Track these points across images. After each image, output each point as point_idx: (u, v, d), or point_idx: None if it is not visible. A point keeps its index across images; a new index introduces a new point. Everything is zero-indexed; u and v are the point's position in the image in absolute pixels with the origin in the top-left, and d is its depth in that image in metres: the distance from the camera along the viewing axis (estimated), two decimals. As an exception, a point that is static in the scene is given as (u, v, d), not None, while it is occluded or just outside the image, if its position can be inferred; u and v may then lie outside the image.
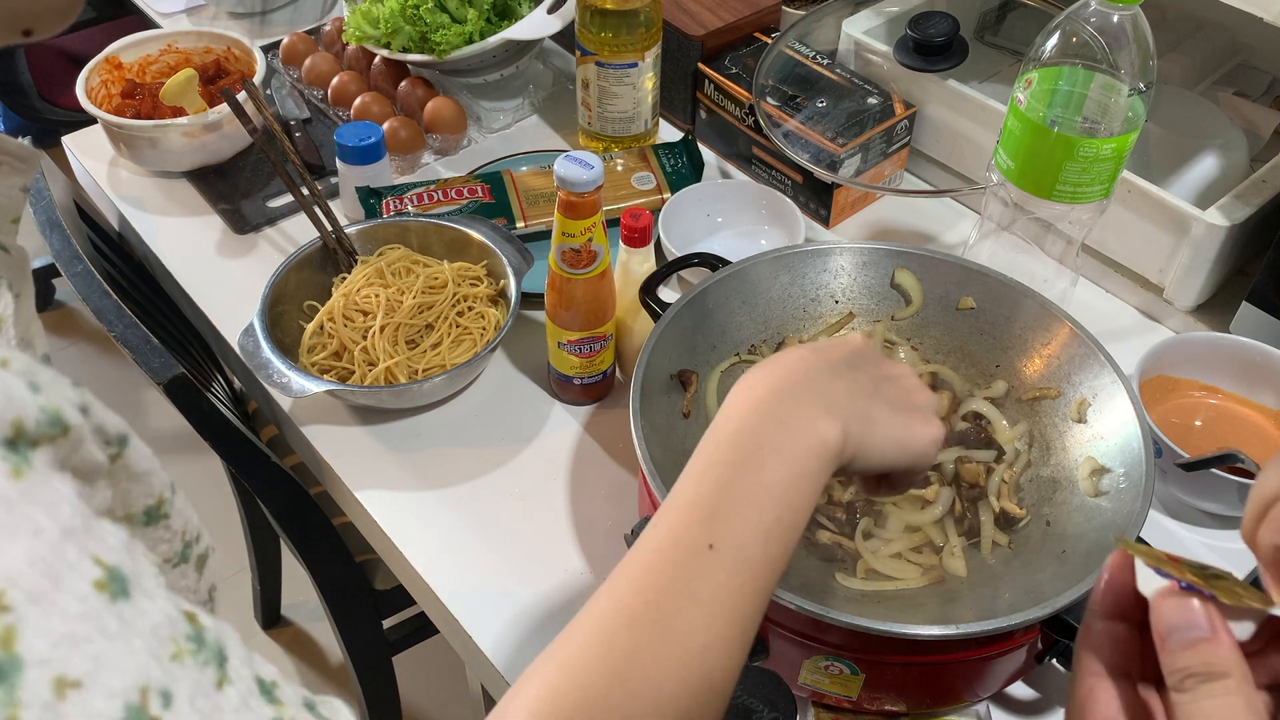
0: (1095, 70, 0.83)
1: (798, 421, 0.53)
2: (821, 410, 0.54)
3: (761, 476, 0.52)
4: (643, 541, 0.51)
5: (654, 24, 1.10)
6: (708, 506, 0.51)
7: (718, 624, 0.49)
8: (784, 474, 0.52)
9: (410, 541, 0.86)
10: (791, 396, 0.54)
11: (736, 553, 0.50)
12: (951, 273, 0.87)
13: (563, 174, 0.80)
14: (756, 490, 0.51)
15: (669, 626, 0.48)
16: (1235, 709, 0.39)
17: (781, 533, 0.51)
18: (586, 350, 0.91)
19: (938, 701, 0.74)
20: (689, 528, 0.50)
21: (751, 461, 0.52)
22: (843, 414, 0.54)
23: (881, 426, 0.56)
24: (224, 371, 1.26)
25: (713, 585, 0.49)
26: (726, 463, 0.52)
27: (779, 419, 0.53)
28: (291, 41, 1.31)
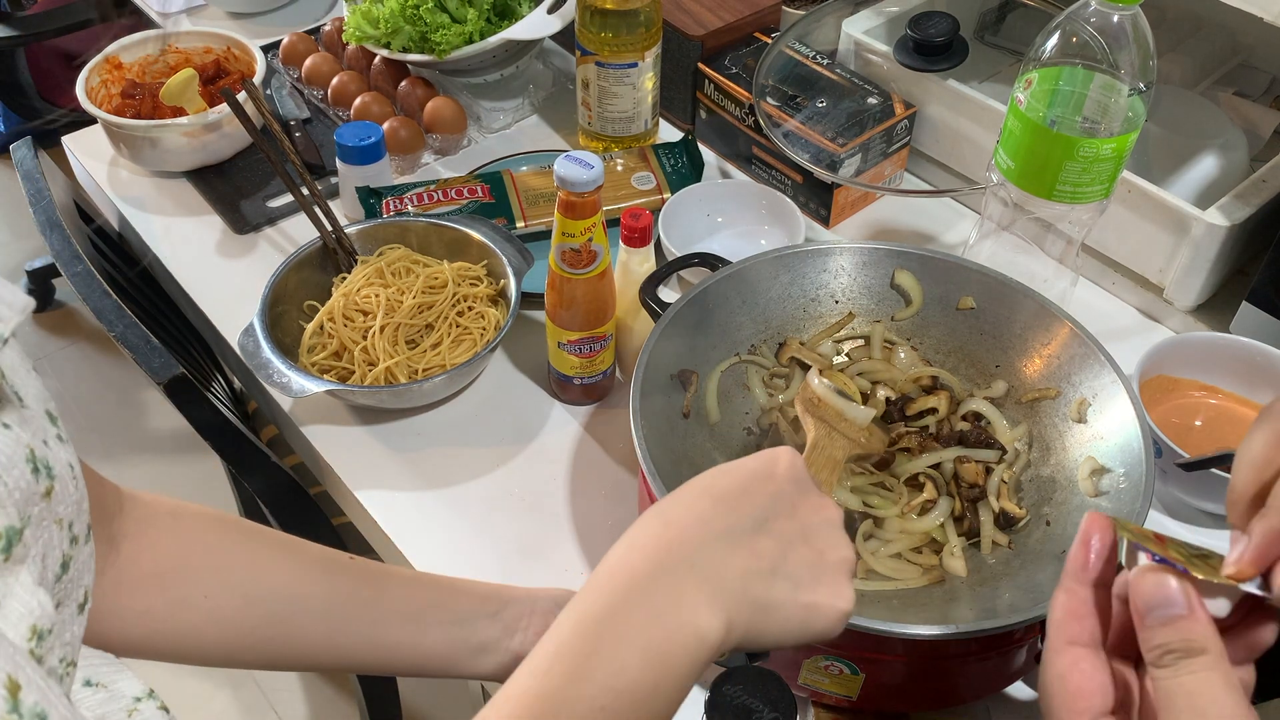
0: (1095, 70, 0.83)
1: (674, 611, 0.46)
2: (705, 599, 0.47)
3: (618, 679, 0.44)
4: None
5: (654, 24, 1.10)
6: (545, 710, 0.44)
7: None
8: (646, 676, 0.45)
9: (410, 541, 0.86)
10: (672, 577, 0.47)
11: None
12: (951, 273, 0.87)
13: (563, 174, 0.80)
14: (609, 694, 0.44)
15: None
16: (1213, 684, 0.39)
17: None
18: (586, 350, 0.91)
19: (938, 701, 0.74)
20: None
21: (610, 656, 0.45)
22: (730, 604, 0.47)
23: (779, 612, 0.49)
24: (224, 371, 1.26)
25: None
26: (580, 653, 0.45)
27: (651, 605, 0.46)
28: (291, 41, 1.31)
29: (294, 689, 1.73)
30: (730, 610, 0.47)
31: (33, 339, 2.33)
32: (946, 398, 0.85)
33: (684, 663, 0.46)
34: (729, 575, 0.48)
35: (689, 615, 0.46)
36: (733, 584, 0.48)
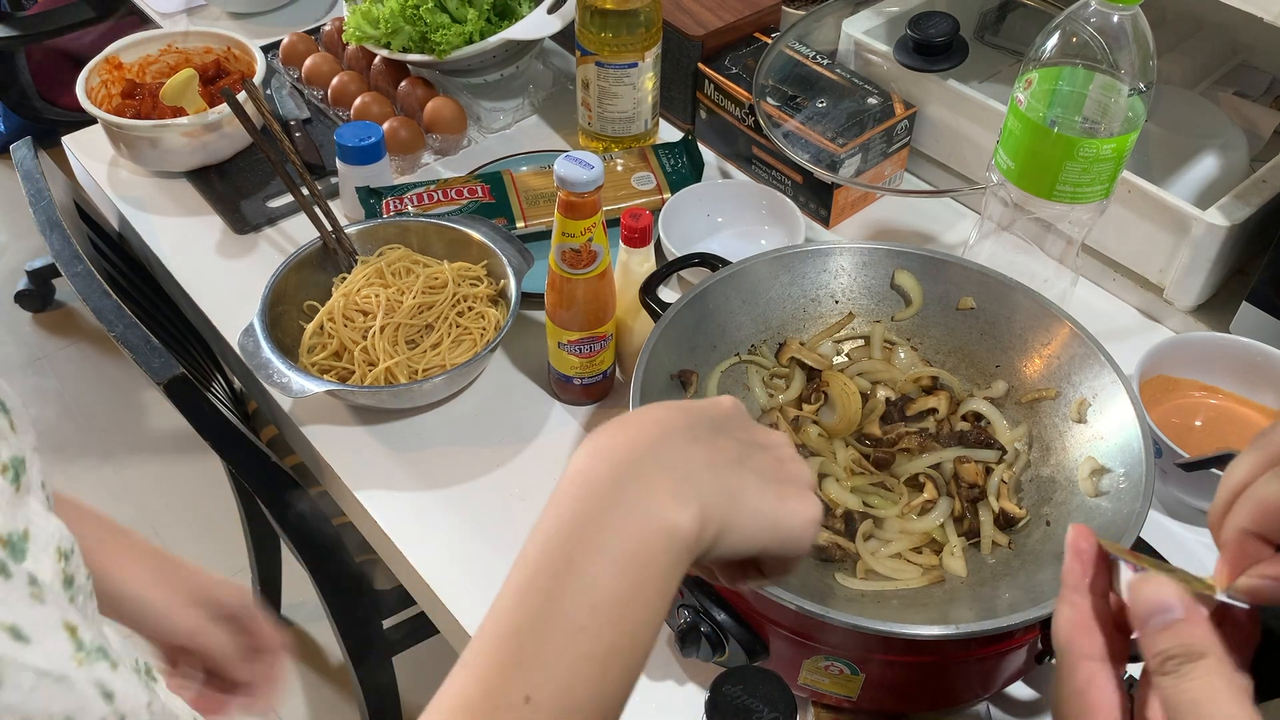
0: (1095, 70, 0.83)
1: (642, 511, 0.43)
2: (671, 490, 0.44)
3: (593, 595, 0.42)
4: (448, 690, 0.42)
5: (654, 24, 1.10)
6: (524, 642, 0.41)
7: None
8: (623, 587, 0.42)
9: (410, 541, 0.86)
10: (635, 474, 0.44)
11: (560, 701, 0.41)
12: (951, 273, 0.87)
13: (563, 174, 0.80)
14: (586, 612, 0.41)
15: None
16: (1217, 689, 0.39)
17: (622, 659, 0.42)
18: (586, 350, 0.91)
19: (938, 701, 0.74)
20: (502, 674, 0.41)
21: (581, 573, 0.42)
22: (699, 491, 0.45)
23: (750, 502, 0.47)
24: (224, 371, 1.26)
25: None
26: (549, 575, 0.42)
27: (617, 510, 0.43)
28: (291, 41, 1.31)
29: (294, 689, 1.73)
30: (701, 498, 0.45)
31: (33, 339, 2.33)
32: (946, 398, 0.85)
33: (661, 562, 0.43)
34: (694, 464, 0.46)
35: (657, 510, 0.44)
36: (699, 472, 0.46)
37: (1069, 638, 0.44)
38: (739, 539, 0.46)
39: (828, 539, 0.77)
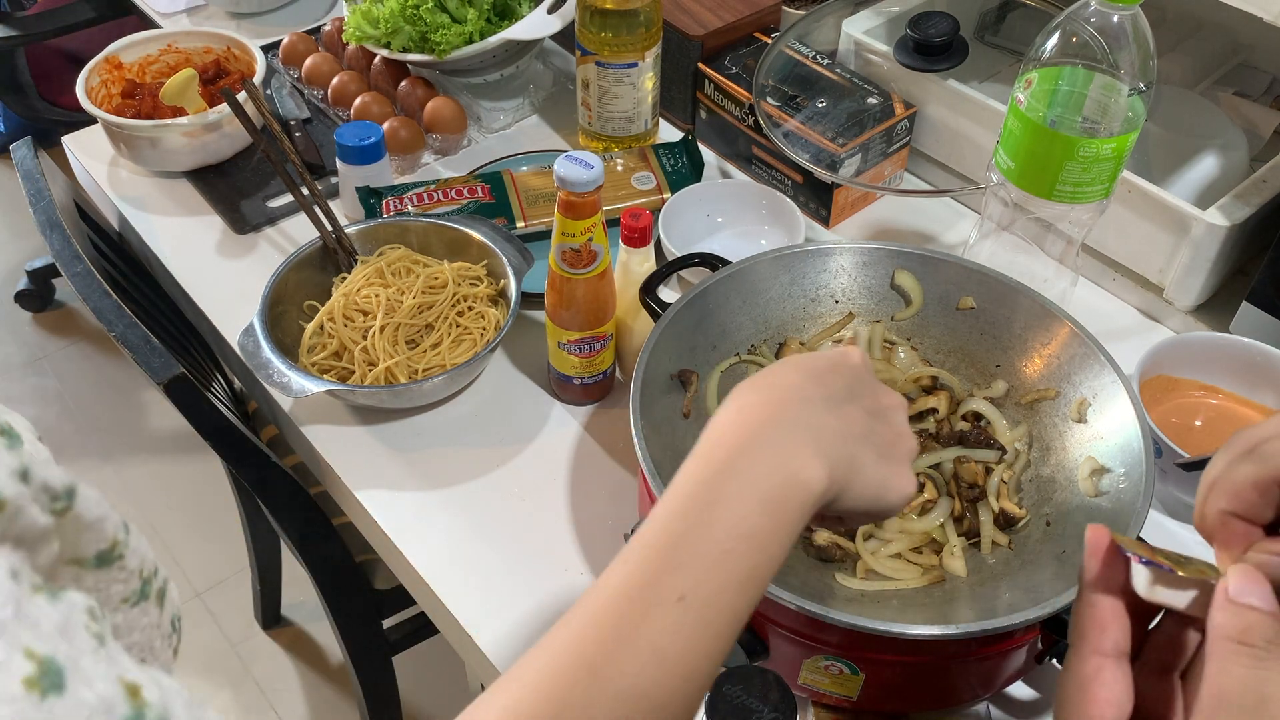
0: (1095, 70, 0.83)
1: (787, 462, 0.50)
2: (812, 452, 0.51)
3: (742, 522, 0.49)
4: (609, 581, 0.48)
5: (654, 24, 1.10)
6: (682, 550, 0.48)
7: (677, 682, 0.46)
8: (765, 523, 0.49)
9: (410, 541, 0.86)
10: (782, 430, 0.51)
11: (707, 605, 0.47)
12: (951, 273, 0.87)
13: (563, 174, 0.80)
14: (734, 538, 0.48)
15: (629, 684, 0.45)
16: None
17: (756, 581, 0.49)
18: (586, 350, 0.91)
19: (938, 701, 0.74)
20: (660, 573, 0.47)
21: (734, 503, 0.49)
22: (831, 456, 0.52)
23: (865, 474, 0.54)
24: (224, 371, 1.26)
25: (680, 642, 0.46)
26: (705, 502, 0.49)
27: (768, 457, 0.50)
28: (291, 41, 1.31)
29: (294, 689, 1.73)
30: (830, 463, 0.51)
31: (33, 339, 2.33)
32: (946, 398, 0.85)
33: (795, 510, 0.50)
34: (828, 433, 0.52)
35: (798, 466, 0.50)
36: (832, 441, 0.52)
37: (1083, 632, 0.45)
38: (849, 501, 0.54)
39: (827, 539, 0.77)
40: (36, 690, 0.32)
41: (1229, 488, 0.43)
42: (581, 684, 0.45)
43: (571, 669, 0.46)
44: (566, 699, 0.45)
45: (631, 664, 0.45)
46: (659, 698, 0.45)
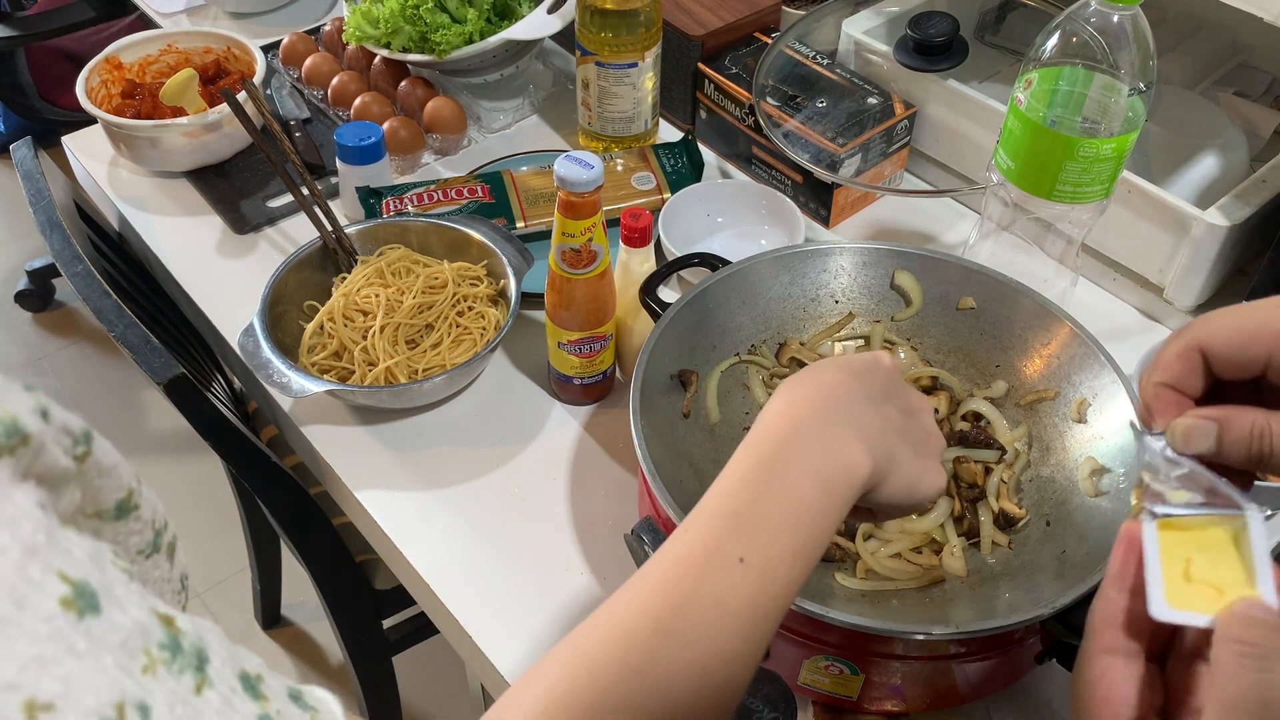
0: (1095, 70, 0.83)
1: (837, 449, 0.54)
2: (859, 441, 0.55)
3: (798, 496, 0.52)
4: (672, 546, 0.52)
5: (654, 24, 1.10)
6: (744, 520, 0.51)
7: (738, 638, 0.49)
8: (817, 499, 0.53)
9: (410, 541, 0.86)
10: (833, 422, 0.55)
11: (766, 569, 0.50)
12: (951, 273, 0.87)
13: (563, 174, 0.80)
14: (790, 510, 0.52)
15: (694, 635, 0.48)
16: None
17: (808, 555, 0.52)
18: (586, 350, 0.91)
19: (938, 702, 0.74)
20: (722, 539, 0.51)
21: (789, 480, 0.52)
22: (873, 448, 0.55)
23: (902, 468, 0.57)
24: (224, 371, 1.26)
25: (740, 599, 0.49)
26: (764, 479, 0.53)
27: (820, 443, 0.54)
28: (291, 41, 1.31)
29: (294, 689, 1.73)
30: (873, 454, 0.55)
31: (33, 339, 2.33)
32: (946, 398, 0.85)
33: (843, 492, 0.54)
34: (872, 426, 0.56)
35: (847, 453, 0.54)
36: (875, 434, 0.56)
37: (1094, 629, 0.46)
38: (886, 492, 0.57)
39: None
40: (74, 610, 0.32)
41: (1159, 362, 0.49)
42: (647, 632, 0.48)
43: (638, 618, 0.49)
44: (633, 644, 0.48)
45: (695, 614, 0.49)
46: (721, 649, 0.49)
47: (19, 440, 0.34)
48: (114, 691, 0.32)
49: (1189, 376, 0.49)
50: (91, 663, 0.32)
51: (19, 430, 0.34)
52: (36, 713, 0.30)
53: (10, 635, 0.30)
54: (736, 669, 0.49)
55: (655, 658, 0.47)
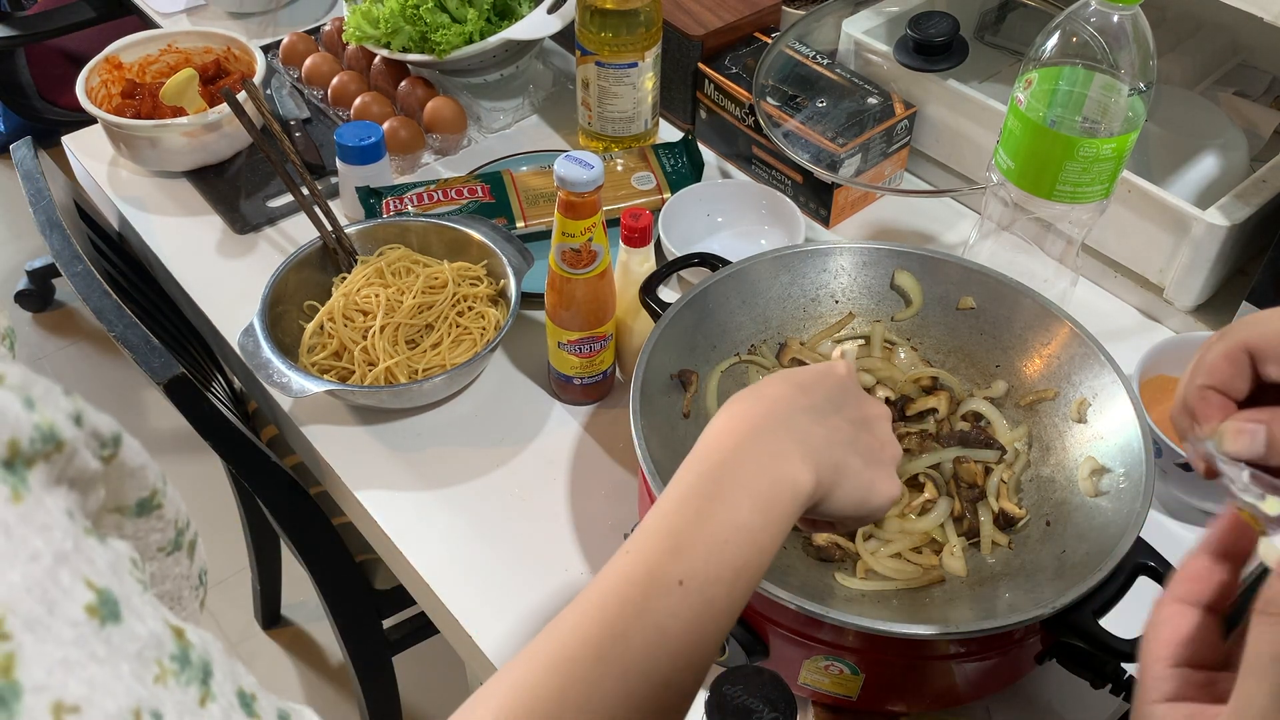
0: (1095, 70, 0.83)
1: (775, 464, 0.54)
2: (799, 455, 0.55)
3: (736, 516, 0.52)
4: (613, 567, 0.51)
5: (654, 24, 1.10)
6: (682, 540, 0.51)
7: (678, 662, 0.49)
8: (757, 517, 0.52)
9: (410, 541, 0.86)
10: (772, 436, 0.55)
11: (705, 589, 0.50)
12: (951, 273, 0.87)
13: (563, 174, 0.80)
14: (729, 529, 0.51)
15: (633, 663, 0.48)
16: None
17: (749, 574, 0.52)
18: (586, 350, 0.91)
19: (938, 701, 0.74)
20: (662, 560, 0.50)
21: (728, 499, 0.52)
22: (817, 461, 0.55)
23: (850, 479, 0.57)
24: (224, 371, 1.26)
25: (681, 622, 0.49)
26: (703, 497, 0.53)
27: (758, 460, 0.54)
28: (291, 41, 1.31)
29: (294, 689, 1.73)
30: (817, 468, 0.55)
31: (33, 339, 2.33)
32: (946, 398, 0.85)
33: (784, 509, 0.53)
34: (815, 439, 0.56)
35: (787, 468, 0.54)
36: (819, 446, 0.56)
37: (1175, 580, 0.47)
38: (835, 505, 0.57)
39: (827, 539, 0.77)
40: (97, 618, 0.33)
41: (1204, 365, 0.48)
42: (589, 660, 0.48)
43: (579, 647, 0.48)
44: (573, 674, 0.47)
45: (636, 641, 0.48)
46: (662, 675, 0.48)
47: (54, 447, 0.35)
48: (131, 698, 0.33)
49: (1235, 379, 0.48)
50: (111, 669, 0.33)
51: (55, 437, 0.35)
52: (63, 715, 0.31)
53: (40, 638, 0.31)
54: (676, 696, 0.49)
55: (593, 690, 0.47)
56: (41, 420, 0.35)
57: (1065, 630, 0.66)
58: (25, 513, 0.33)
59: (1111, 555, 0.66)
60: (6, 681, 0.30)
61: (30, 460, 0.34)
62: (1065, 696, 0.77)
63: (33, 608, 0.31)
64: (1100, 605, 0.65)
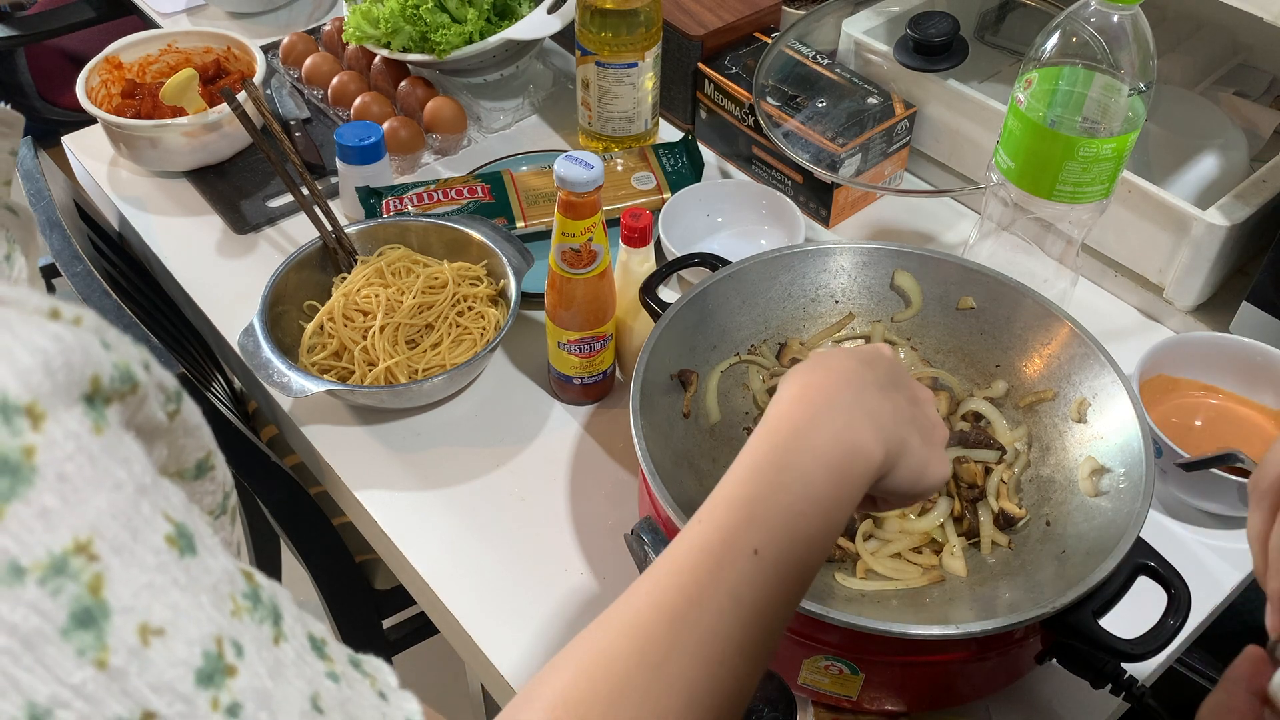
0: (1095, 70, 0.83)
1: (849, 435, 0.54)
2: (871, 428, 0.55)
3: (809, 488, 0.52)
4: (686, 537, 0.52)
5: (654, 24, 1.10)
6: (758, 509, 0.51)
7: (754, 629, 0.49)
8: (830, 489, 0.53)
9: (410, 541, 0.86)
10: (845, 408, 0.55)
11: (780, 559, 0.50)
12: (951, 273, 0.87)
13: (563, 174, 0.80)
14: (803, 501, 0.52)
15: (710, 627, 0.48)
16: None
17: (821, 545, 0.52)
18: (586, 350, 0.91)
19: (938, 702, 0.74)
20: (736, 530, 0.51)
21: (801, 471, 0.53)
22: (887, 436, 0.56)
23: (911, 457, 0.57)
24: (224, 371, 1.26)
25: (755, 590, 0.49)
26: (777, 466, 0.53)
27: (834, 430, 0.54)
28: (291, 41, 1.31)
29: (294, 689, 1.72)
30: (885, 442, 0.55)
31: (33, 339, 2.32)
32: (946, 398, 0.85)
33: (855, 479, 0.54)
34: (884, 415, 0.56)
35: (858, 439, 0.54)
36: (886, 421, 0.56)
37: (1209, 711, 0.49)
38: (895, 480, 0.57)
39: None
40: (176, 549, 0.34)
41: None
42: (663, 624, 0.48)
43: (653, 612, 0.48)
44: (649, 637, 0.48)
45: (711, 607, 0.49)
46: (736, 641, 0.49)
47: (129, 388, 0.36)
48: (213, 626, 0.34)
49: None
50: (192, 598, 0.34)
51: (131, 378, 0.36)
52: (150, 636, 0.32)
53: (126, 562, 0.32)
54: (752, 661, 0.49)
55: (671, 652, 0.47)
56: (119, 360, 0.35)
57: (1065, 630, 0.66)
58: (108, 444, 0.33)
59: (1111, 555, 0.66)
60: (95, 601, 0.31)
61: (109, 399, 0.34)
62: (1065, 696, 0.77)
63: (119, 533, 0.32)
64: (1100, 605, 0.65)
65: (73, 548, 0.31)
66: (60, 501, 0.31)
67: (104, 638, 0.31)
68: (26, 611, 0.30)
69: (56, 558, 0.30)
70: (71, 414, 0.32)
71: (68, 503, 0.31)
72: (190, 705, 0.32)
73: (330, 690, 0.38)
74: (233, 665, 0.34)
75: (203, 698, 0.33)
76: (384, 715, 0.40)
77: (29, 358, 0.31)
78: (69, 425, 0.32)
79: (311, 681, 0.37)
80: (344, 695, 0.39)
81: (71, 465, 0.32)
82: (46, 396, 0.32)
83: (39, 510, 0.31)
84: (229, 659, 0.34)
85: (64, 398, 0.32)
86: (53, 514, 0.31)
